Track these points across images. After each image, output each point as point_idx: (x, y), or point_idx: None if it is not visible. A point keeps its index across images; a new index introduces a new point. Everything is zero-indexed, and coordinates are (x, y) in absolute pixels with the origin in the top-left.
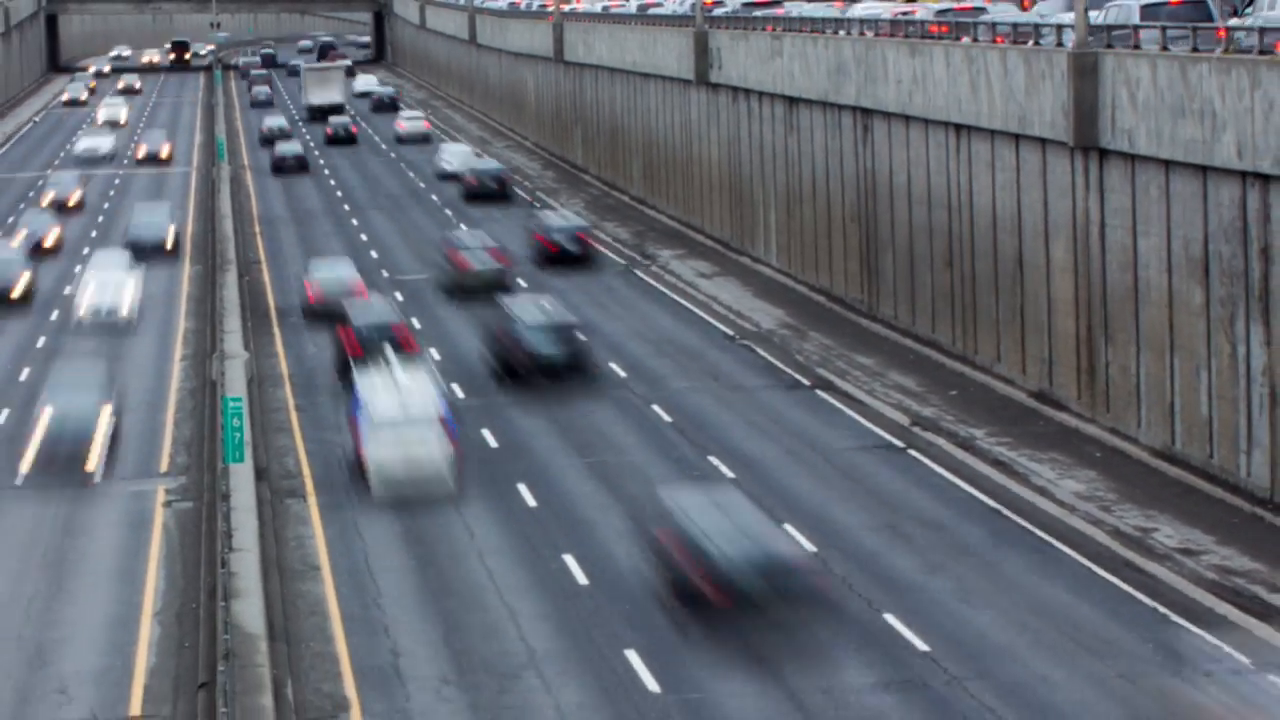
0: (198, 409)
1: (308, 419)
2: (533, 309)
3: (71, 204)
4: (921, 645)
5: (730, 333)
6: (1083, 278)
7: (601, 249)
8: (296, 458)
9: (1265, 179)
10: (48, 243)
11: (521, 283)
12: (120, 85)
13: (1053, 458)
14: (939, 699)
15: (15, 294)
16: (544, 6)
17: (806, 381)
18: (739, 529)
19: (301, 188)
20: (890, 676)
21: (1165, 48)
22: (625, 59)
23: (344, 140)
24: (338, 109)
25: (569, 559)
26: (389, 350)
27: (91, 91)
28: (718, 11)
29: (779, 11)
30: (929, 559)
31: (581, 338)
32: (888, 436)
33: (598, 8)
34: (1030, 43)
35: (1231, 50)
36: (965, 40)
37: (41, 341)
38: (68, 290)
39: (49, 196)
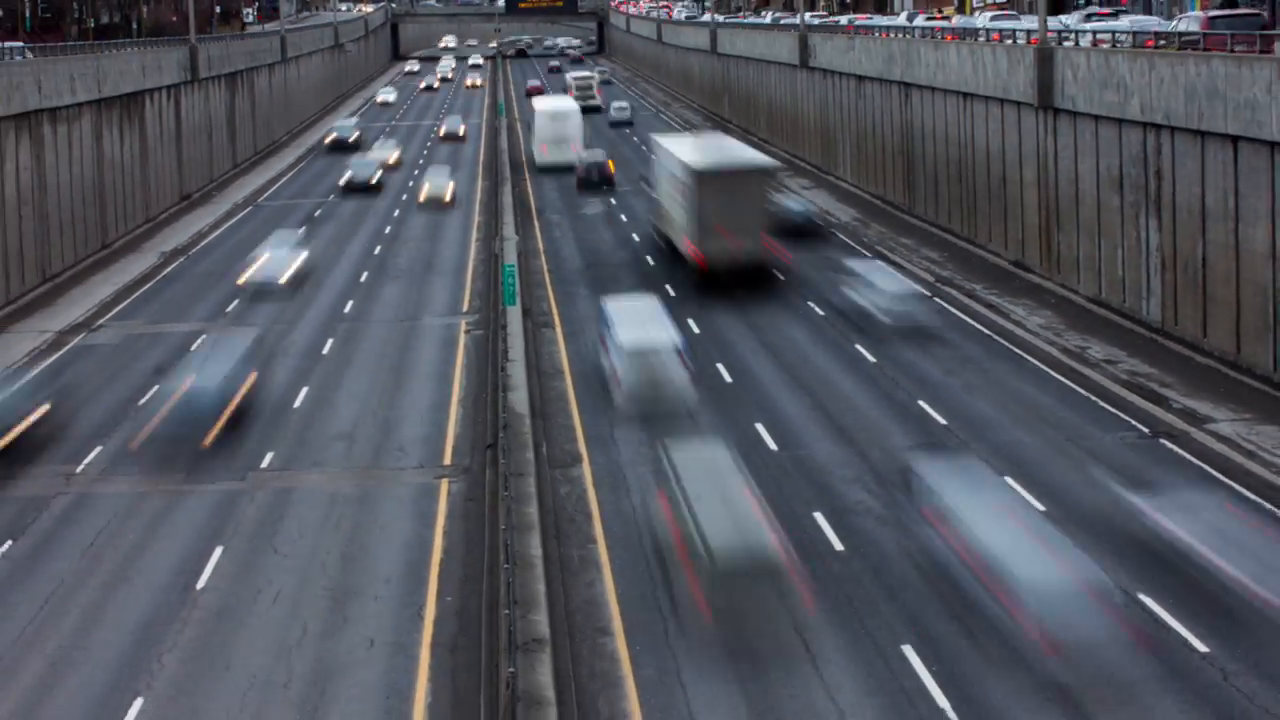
0: (486, 271)
1: (557, 278)
2: None
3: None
4: (941, 420)
5: (820, 223)
6: (1043, 189)
7: None
8: (549, 303)
9: (1158, 127)
10: (390, 160)
11: None
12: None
13: (1024, 302)
14: (952, 453)
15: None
16: (693, 18)
17: (869, 254)
18: None
19: None
20: (922, 440)
21: (1095, 43)
22: (755, 51)
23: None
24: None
25: (720, 365)
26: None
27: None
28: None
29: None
30: (945, 365)
31: None
32: (920, 289)
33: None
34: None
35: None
36: (969, 39)
37: (396, 213)
38: (410, 184)
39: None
